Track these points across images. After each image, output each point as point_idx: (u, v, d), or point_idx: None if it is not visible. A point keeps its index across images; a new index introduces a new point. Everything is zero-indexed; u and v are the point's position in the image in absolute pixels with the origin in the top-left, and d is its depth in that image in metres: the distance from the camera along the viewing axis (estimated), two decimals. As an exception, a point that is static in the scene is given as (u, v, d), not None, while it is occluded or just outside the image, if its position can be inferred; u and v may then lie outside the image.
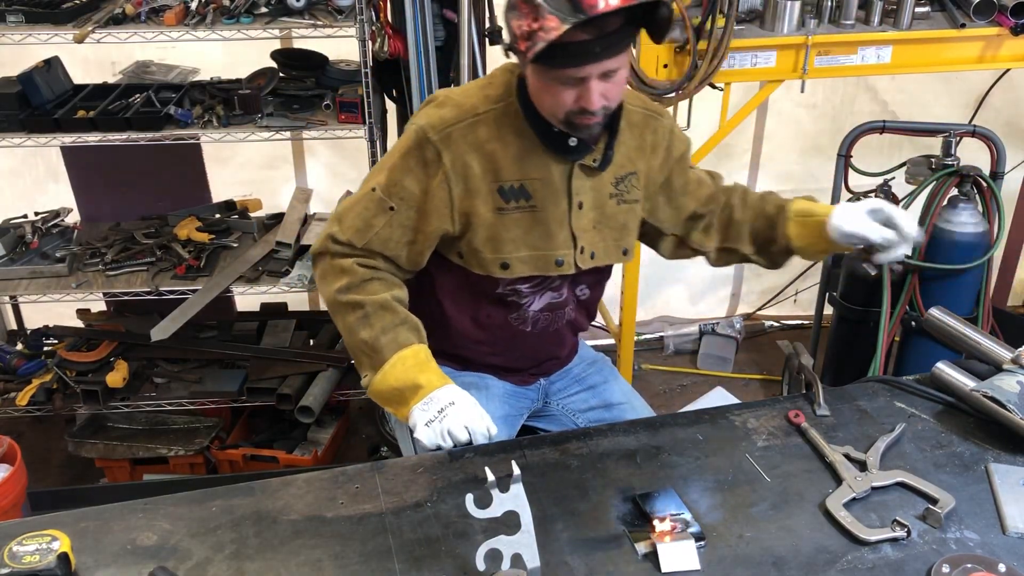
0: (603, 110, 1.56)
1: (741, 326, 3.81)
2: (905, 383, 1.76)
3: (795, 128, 3.59)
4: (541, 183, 1.67)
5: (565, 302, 1.81)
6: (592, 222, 1.73)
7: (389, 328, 1.65)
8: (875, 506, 1.45)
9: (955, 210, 2.77)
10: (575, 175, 1.69)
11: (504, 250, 1.69)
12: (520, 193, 1.66)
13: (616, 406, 1.93)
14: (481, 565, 1.27)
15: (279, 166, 3.39)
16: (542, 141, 1.65)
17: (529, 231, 1.69)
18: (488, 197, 1.65)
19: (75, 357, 2.94)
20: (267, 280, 2.80)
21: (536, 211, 1.68)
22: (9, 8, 2.50)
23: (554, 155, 1.66)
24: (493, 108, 1.66)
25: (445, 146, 1.63)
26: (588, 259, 1.75)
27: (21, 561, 1.26)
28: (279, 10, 2.62)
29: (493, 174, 1.65)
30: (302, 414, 2.89)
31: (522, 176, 1.66)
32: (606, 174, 1.72)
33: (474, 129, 1.64)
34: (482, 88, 1.70)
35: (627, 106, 1.73)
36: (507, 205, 1.66)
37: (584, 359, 2.02)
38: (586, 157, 1.68)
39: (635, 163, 1.77)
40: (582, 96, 1.53)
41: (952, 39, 2.67)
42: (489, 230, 1.67)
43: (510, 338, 1.82)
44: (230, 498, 1.48)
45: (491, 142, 1.64)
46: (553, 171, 1.67)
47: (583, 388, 1.97)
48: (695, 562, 1.34)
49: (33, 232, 2.92)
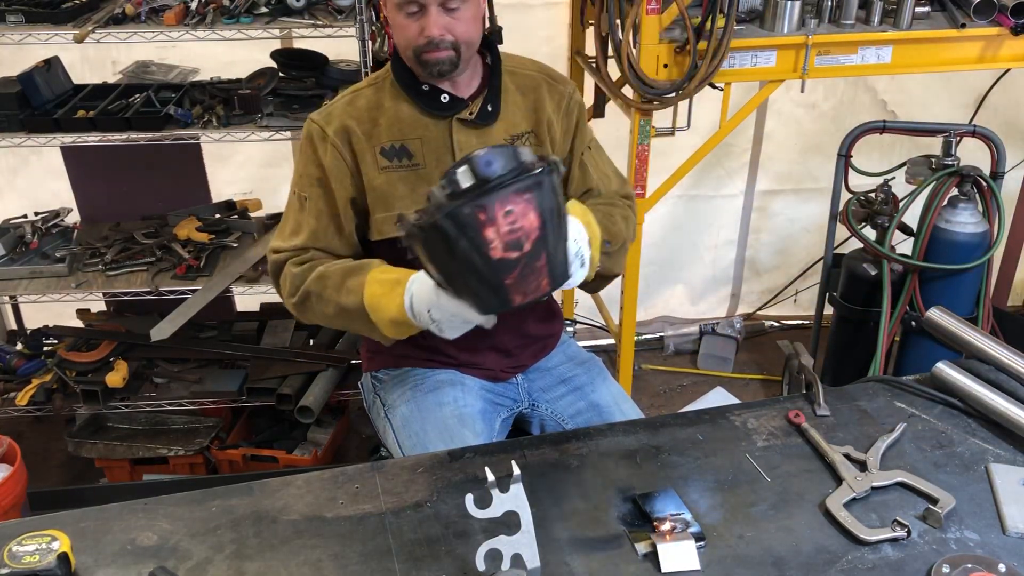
0: (450, 44, 1.65)
1: (741, 326, 3.81)
2: (905, 383, 1.76)
3: (795, 128, 3.59)
4: (421, 141, 1.75)
5: None
6: None
7: (340, 287, 1.67)
8: (875, 506, 1.45)
9: (955, 210, 2.77)
10: (455, 130, 1.75)
11: (394, 208, 1.75)
12: (401, 152, 1.75)
13: (604, 409, 1.90)
14: (481, 565, 1.27)
15: (279, 164, 3.39)
16: (416, 101, 1.74)
17: (415, 189, 1.75)
18: (372, 159, 1.74)
19: (75, 357, 2.94)
20: (267, 280, 2.79)
21: (420, 168, 1.75)
22: (9, 8, 2.50)
23: (430, 113, 1.75)
24: (372, 84, 1.80)
25: (327, 122, 1.75)
26: None
27: (21, 561, 1.26)
28: (279, 10, 2.62)
29: (375, 137, 1.75)
30: (302, 414, 2.89)
31: (401, 136, 1.75)
32: (495, 130, 1.78)
33: (353, 102, 1.77)
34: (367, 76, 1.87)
35: (517, 70, 1.82)
36: (390, 163, 1.75)
37: (573, 359, 2.01)
38: (462, 111, 1.75)
39: (530, 123, 1.82)
40: (424, 27, 1.63)
41: (952, 39, 2.67)
42: (379, 190, 1.75)
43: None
44: (230, 498, 1.48)
45: (371, 110, 1.76)
46: (432, 129, 1.75)
47: (570, 390, 1.94)
48: (695, 562, 1.34)
49: (33, 232, 2.92)
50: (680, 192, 3.40)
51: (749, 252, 3.88)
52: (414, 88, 1.75)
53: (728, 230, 3.83)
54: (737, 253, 3.88)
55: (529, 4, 3.23)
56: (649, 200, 2.82)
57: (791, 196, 3.76)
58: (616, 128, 3.15)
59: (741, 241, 3.85)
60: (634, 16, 2.53)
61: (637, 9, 2.51)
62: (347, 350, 3.08)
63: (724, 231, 3.83)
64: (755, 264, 3.92)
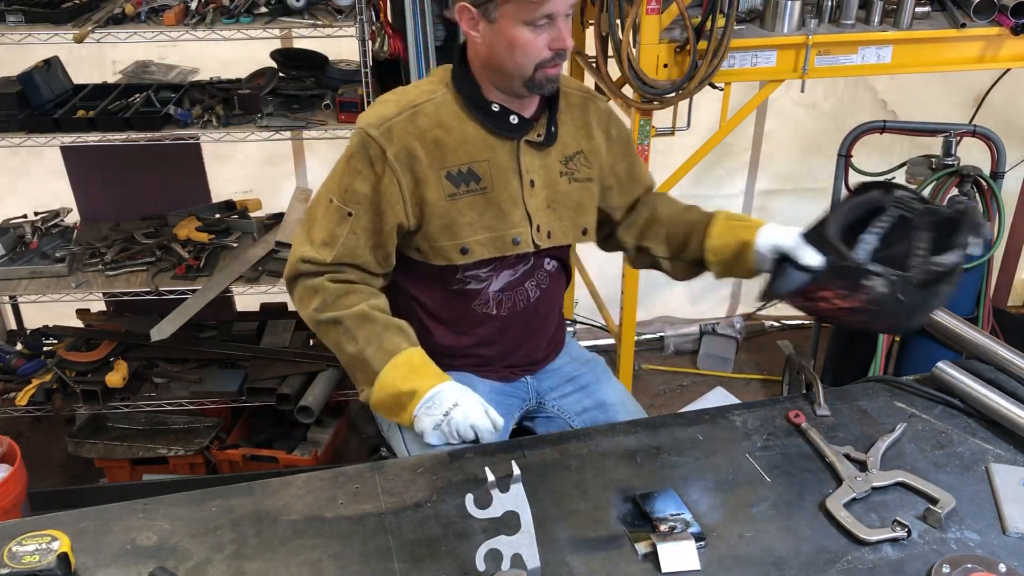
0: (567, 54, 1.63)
1: (741, 326, 3.81)
2: (905, 383, 1.76)
3: (795, 128, 3.59)
4: (489, 164, 1.70)
5: (524, 277, 1.82)
6: (545, 201, 1.76)
7: (372, 338, 1.66)
8: (875, 506, 1.45)
9: (955, 210, 2.77)
10: (523, 152, 1.72)
11: (461, 235, 1.70)
12: (469, 176, 1.70)
13: (610, 406, 1.92)
14: (481, 565, 1.27)
15: (279, 163, 3.39)
16: (484, 123, 1.69)
17: (483, 213, 1.71)
18: (437, 184, 1.68)
19: (75, 357, 2.94)
20: (267, 280, 2.80)
21: (488, 192, 1.71)
22: (9, 8, 2.50)
23: (498, 135, 1.70)
24: (431, 99, 1.70)
25: (387, 140, 1.66)
26: (545, 238, 1.78)
27: (21, 561, 1.26)
28: (279, 10, 2.62)
29: (439, 160, 1.68)
30: (302, 414, 2.89)
31: (468, 159, 1.69)
32: (553, 152, 1.76)
33: (414, 120, 1.67)
34: (417, 85, 1.77)
35: (564, 88, 1.79)
36: (457, 190, 1.69)
37: (577, 359, 2.02)
38: (530, 133, 1.72)
39: (579, 143, 1.81)
40: (555, 38, 1.59)
41: (952, 39, 2.67)
42: (443, 218, 1.69)
43: (479, 324, 1.82)
44: (230, 498, 1.48)
45: (433, 130, 1.68)
46: (499, 151, 1.71)
47: (576, 388, 1.96)
48: (695, 562, 1.34)
49: (33, 232, 2.92)
50: (680, 192, 3.35)
51: (749, 252, 3.87)
52: (483, 108, 1.69)
53: (728, 230, 3.82)
54: (737, 253, 3.87)
55: (529, 4, 3.22)
56: (649, 200, 2.82)
57: (791, 196, 3.76)
58: (616, 128, 3.15)
59: (741, 241, 3.84)
60: (634, 16, 2.53)
61: (637, 9, 2.51)
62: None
63: (724, 231, 3.82)
64: (755, 264, 3.91)
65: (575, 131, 1.81)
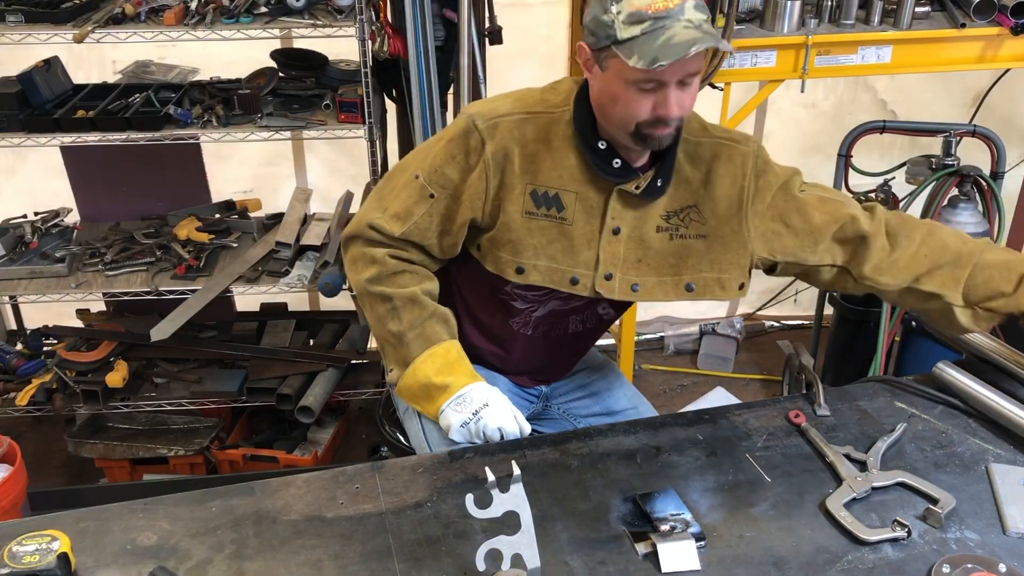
0: (677, 120, 1.52)
1: (741, 326, 3.81)
2: (905, 383, 1.76)
3: (795, 128, 3.59)
4: (577, 197, 1.63)
5: (572, 312, 1.78)
6: (632, 252, 1.67)
7: (416, 323, 1.66)
8: (875, 506, 1.45)
9: (955, 210, 2.77)
10: (613, 198, 1.63)
11: (523, 255, 1.65)
12: (553, 201, 1.63)
13: (620, 413, 1.92)
14: (481, 565, 1.27)
15: (279, 163, 3.39)
16: (587, 156, 1.61)
17: (553, 242, 1.65)
18: (520, 197, 1.62)
19: (75, 357, 2.94)
20: (267, 280, 2.80)
21: (565, 224, 1.64)
22: (9, 8, 2.50)
23: (596, 173, 1.62)
24: (547, 112, 1.63)
25: (490, 135, 1.60)
26: (628, 291, 1.68)
27: (21, 561, 1.26)
28: (279, 10, 2.61)
29: (531, 175, 1.62)
30: (302, 414, 2.89)
31: (559, 185, 1.63)
32: (656, 206, 1.65)
33: (522, 125, 1.62)
34: (543, 91, 1.68)
35: (692, 137, 1.68)
36: (537, 211, 1.63)
37: (589, 364, 2.01)
38: (628, 183, 1.62)
39: (695, 196, 1.67)
40: (659, 103, 1.50)
41: (952, 39, 2.67)
42: (514, 232, 1.64)
43: (509, 338, 1.82)
44: (230, 498, 1.48)
45: (536, 143, 1.62)
46: (591, 189, 1.63)
47: (586, 394, 1.96)
48: (695, 562, 1.34)
49: (33, 232, 2.92)
50: (680, 192, 3.39)
51: (749, 252, 3.87)
52: (591, 143, 1.60)
53: (728, 230, 3.82)
54: (737, 253, 3.88)
55: (529, 3, 3.23)
56: (649, 200, 2.82)
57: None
58: (616, 128, 3.15)
59: (741, 241, 3.85)
60: (634, 16, 2.53)
61: (637, 9, 2.51)
62: (347, 350, 3.08)
63: (724, 231, 3.82)
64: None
65: (693, 184, 1.67)
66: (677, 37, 1.43)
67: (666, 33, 1.43)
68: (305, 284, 2.79)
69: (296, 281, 2.79)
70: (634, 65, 1.44)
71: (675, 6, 1.45)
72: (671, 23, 1.44)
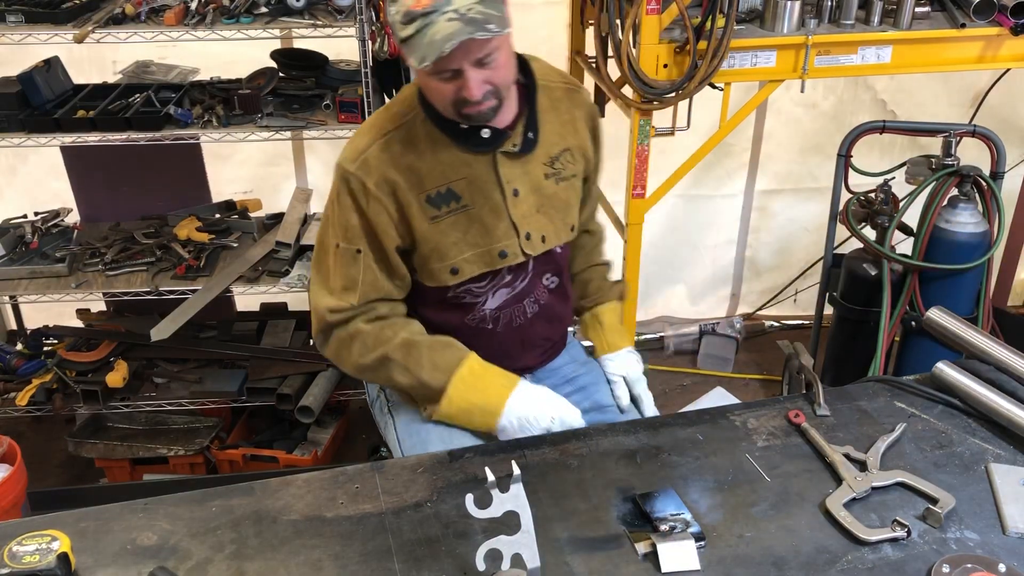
0: (491, 94, 1.57)
1: (741, 326, 3.81)
2: (905, 383, 1.76)
3: (795, 128, 3.59)
4: (467, 182, 1.69)
5: (523, 294, 1.83)
6: (535, 206, 1.75)
7: (424, 362, 1.71)
8: (875, 506, 1.45)
9: (955, 210, 2.77)
10: (500, 163, 1.69)
11: (450, 256, 1.70)
12: (448, 196, 1.68)
13: (608, 408, 1.93)
14: (481, 565, 1.27)
15: (279, 163, 3.40)
16: (455, 141, 1.66)
17: (467, 231, 1.70)
18: (420, 209, 1.68)
19: (75, 357, 2.94)
20: (267, 280, 2.80)
21: (469, 209, 1.70)
22: (9, 8, 2.50)
23: (472, 151, 1.67)
24: (402, 123, 1.68)
25: (365, 173, 1.65)
26: (539, 243, 1.77)
27: (21, 561, 1.26)
28: (279, 10, 2.62)
29: (418, 185, 1.67)
30: (302, 414, 2.89)
31: (445, 180, 1.68)
32: (536, 155, 1.73)
33: (387, 148, 1.66)
34: (389, 108, 1.73)
35: (546, 83, 1.74)
36: (440, 212, 1.68)
37: (576, 359, 2.02)
38: (505, 143, 1.68)
39: (565, 139, 1.78)
40: (461, 87, 1.55)
41: (952, 39, 2.67)
42: (431, 240, 1.70)
43: (473, 337, 1.83)
44: (230, 498, 1.48)
45: (407, 155, 1.66)
46: (476, 166, 1.69)
47: (574, 389, 1.96)
48: (695, 562, 1.34)
49: (33, 232, 2.92)
50: (680, 192, 3.40)
51: (749, 252, 3.88)
52: (452, 128, 1.66)
53: (728, 230, 3.83)
54: (737, 253, 3.88)
55: (529, 3, 3.23)
56: (649, 200, 2.82)
57: (791, 196, 3.76)
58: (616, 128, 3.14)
59: (741, 241, 3.85)
60: (634, 16, 2.53)
61: (637, 9, 2.51)
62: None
63: (724, 231, 3.83)
64: (755, 264, 3.92)
65: (560, 127, 1.77)
66: (439, 33, 1.45)
67: (431, 29, 1.46)
68: (305, 284, 2.79)
69: (296, 281, 2.79)
70: (414, 65, 1.50)
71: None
72: (436, 17, 1.46)
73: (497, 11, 1.50)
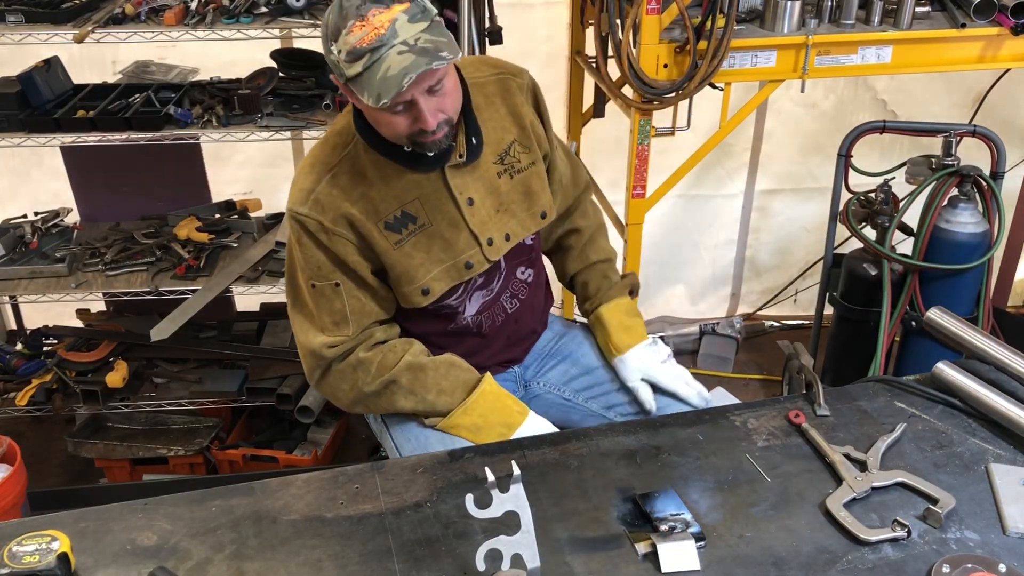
0: (444, 123, 1.54)
1: (741, 326, 3.81)
2: (905, 383, 1.76)
3: (795, 128, 3.59)
4: (420, 201, 1.67)
5: (499, 293, 1.83)
6: (492, 209, 1.73)
7: (431, 385, 1.72)
8: (875, 506, 1.45)
9: (955, 210, 2.77)
10: (450, 176, 1.67)
11: (418, 277, 1.70)
12: (405, 219, 1.67)
13: (595, 369, 1.94)
14: (481, 565, 1.27)
15: (279, 163, 3.39)
16: (402, 164, 1.64)
17: (430, 249, 1.69)
18: (380, 236, 1.67)
19: (75, 357, 2.94)
20: (267, 280, 2.80)
21: (427, 228, 1.69)
22: (9, 8, 2.50)
23: (419, 170, 1.65)
24: (344, 155, 1.66)
25: (319, 211, 1.63)
26: (504, 243, 1.76)
27: (21, 561, 1.26)
28: (279, 10, 2.61)
29: (374, 213, 1.65)
30: (302, 414, 2.89)
31: (399, 203, 1.66)
32: (484, 158, 1.71)
33: (335, 183, 1.64)
34: (327, 140, 1.70)
35: (476, 80, 1.71)
36: (401, 235, 1.67)
37: (555, 332, 2.03)
38: (451, 157, 1.66)
39: (510, 131, 1.75)
40: (416, 118, 1.52)
41: (952, 39, 2.67)
42: (399, 265, 1.69)
43: (461, 343, 1.84)
44: (230, 498, 1.48)
45: (357, 186, 1.65)
46: (426, 185, 1.67)
47: (559, 359, 1.97)
48: (695, 562, 1.34)
49: (33, 232, 2.92)
50: (680, 192, 3.40)
51: (749, 252, 3.88)
52: (396, 152, 1.63)
53: (728, 230, 3.83)
54: (737, 253, 3.89)
55: (529, 4, 3.23)
56: (649, 200, 2.82)
57: (791, 196, 3.76)
58: (616, 128, 3.15)
59: (741, 241, 3.86)
60: (634, 16, 2.53)
61: (637, 9, 2.51)
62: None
63: (724, 231, 3.83)
64: (755, 264, 3.92)
65: (501, 121, 1.74)
66: (392, 68, 1.42)
67: (383, 65, 1.43)
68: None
69: (296, 281, 2.78)
70: (367, 103, 1.46)
71: (385, 31, 1.42)
72: (385, 51, 1.43)
73: (443, 36, 1.47)
